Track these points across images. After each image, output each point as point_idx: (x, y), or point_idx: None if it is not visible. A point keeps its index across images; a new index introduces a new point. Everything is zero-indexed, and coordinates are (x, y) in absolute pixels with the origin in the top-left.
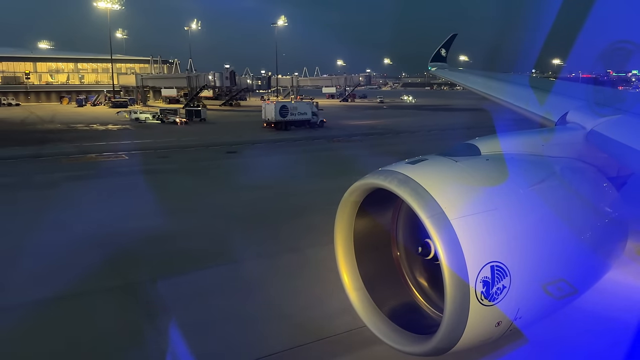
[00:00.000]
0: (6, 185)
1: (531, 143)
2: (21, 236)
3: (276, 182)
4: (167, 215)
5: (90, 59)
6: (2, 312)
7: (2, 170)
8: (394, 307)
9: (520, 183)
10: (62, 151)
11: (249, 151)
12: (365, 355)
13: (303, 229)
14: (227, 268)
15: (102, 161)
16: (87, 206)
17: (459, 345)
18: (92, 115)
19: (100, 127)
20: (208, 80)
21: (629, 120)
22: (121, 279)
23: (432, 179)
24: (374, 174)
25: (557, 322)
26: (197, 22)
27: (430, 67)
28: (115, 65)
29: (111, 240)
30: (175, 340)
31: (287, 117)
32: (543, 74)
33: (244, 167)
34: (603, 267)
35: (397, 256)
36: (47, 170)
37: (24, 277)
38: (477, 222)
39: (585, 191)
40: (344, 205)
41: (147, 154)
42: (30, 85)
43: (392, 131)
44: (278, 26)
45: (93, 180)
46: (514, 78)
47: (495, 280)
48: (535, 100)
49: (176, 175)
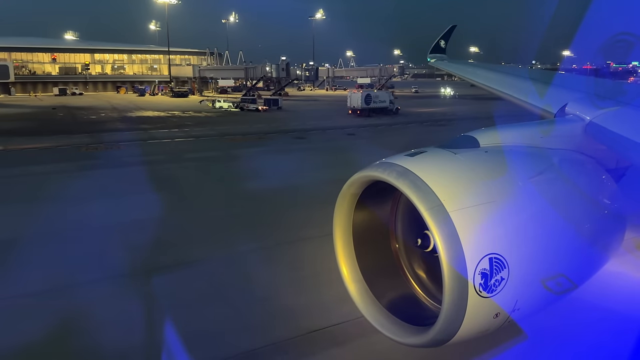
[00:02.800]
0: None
1: (530, 135)
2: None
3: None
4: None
5: (144, 50)
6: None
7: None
8: (392, 299)
9: (519, 175)
10: (206, 134)
11: (362, 133)
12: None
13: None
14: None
15: (264, 141)
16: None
17: (457, 337)
18: (173, 103)
19: (195, 114)
20: (265, 72)
21: (628, 113)
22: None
23: (431, 171)
24: (373, 167)
25: (554, 315)
26: (235, 15)
27: (430, 58)
28: (165, 57)
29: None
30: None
31: (370, 105)
32: (552, 65)
33: (379, 144)
34: (601, 259)
35: (396, 248)
36: (243, 146)
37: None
38: (476, 214)
39: (584, 183)
40: (342, 197)
41: (285, 135)
42: (89, 75)
43: (466, 117)
44: (316, 19)
45: (294, 153)
46: (513, 70)
47: (493, 272)
48: (534, 92)
49: (338, 151)
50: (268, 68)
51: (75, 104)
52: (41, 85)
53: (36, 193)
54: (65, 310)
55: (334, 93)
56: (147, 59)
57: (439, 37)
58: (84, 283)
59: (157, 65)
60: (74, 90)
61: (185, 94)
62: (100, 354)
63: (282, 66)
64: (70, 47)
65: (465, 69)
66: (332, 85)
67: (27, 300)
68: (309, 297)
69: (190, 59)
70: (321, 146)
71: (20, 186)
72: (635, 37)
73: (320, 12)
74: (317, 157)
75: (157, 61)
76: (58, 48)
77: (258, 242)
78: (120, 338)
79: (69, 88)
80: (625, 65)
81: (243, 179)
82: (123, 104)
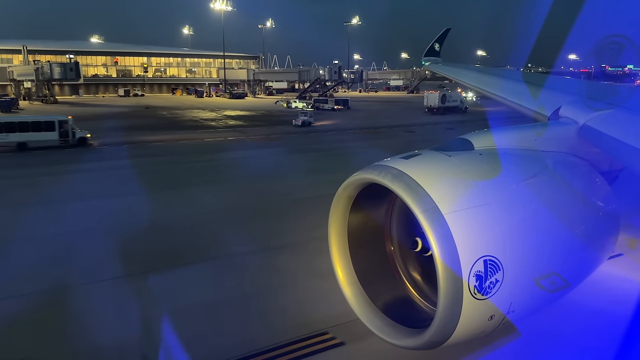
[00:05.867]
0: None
1: (524, 138)
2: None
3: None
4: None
5: (197, 54)
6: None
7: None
8: (387, 301)
9: (513, 178)
10: (328, 129)
11: (459, 127)
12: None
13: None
14: None
15: (382, 134)
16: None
17: (452, 339)
18: (241, 104)
19: (283, 112)
20: (319, 74)
21: (621, 115)
22: None
23: (426, 173)
24: (368, 169)
25: (549, 316)
26: (271, 21)
27: (424, 61)
28: (213, 60)
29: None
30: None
31: (445, 104)
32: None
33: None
34: (595, 260)
35: (391, 250)
36: (373, 138)
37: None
38: (470, 216)
39: (578, 185)
40: (338, 200)
41: (391, 129)
42: (146, 78)
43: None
44: (351, 25)
45: (424, 142)
46: (507, 73)
47: (488, 274)
48: (528, 95)
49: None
50: (322, 71)
51: (154, 104)
52: (102, 87)
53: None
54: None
55: (368, 95)
56: (199, 62)
57: (433, 40)
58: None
59: (209, 68)
60: (136, 92)
61: (242, 95)
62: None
63: (335, 69)
64: (129, 50)
65: (458, 72)
66: (367, 87)
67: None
68: None
69: (240, 62)
70: (439, 137)
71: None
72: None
73: (356, 18)
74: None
75: (209, 64)
76: (118, 52)
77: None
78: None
79: (133, 90)
80: (633, 68)
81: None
82: (197, 104)
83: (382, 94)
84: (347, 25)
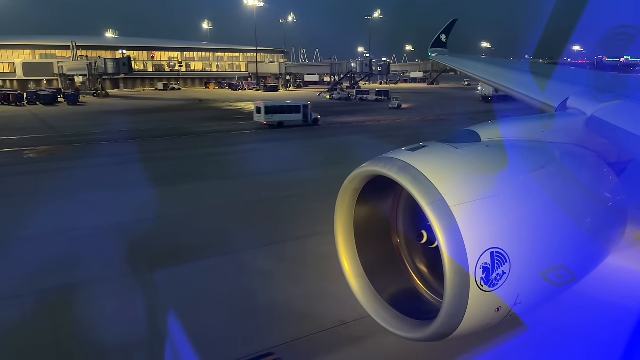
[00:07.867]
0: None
1: (531, 129)
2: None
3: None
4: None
5: (229, 49)
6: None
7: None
8: (394, 293)
9: (520, 169)
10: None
11: (520, 113)
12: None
13: None
14: None
15: (451, 121)
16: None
17: (459, 331)
18: (277, 97)
19: (334, 102)
20: (351, 67)
21: (630, 106)
22: None
23: (432, 166)
24: (374, 161)
25: (556, 308)
26: (293, 15)
27: (431, 53)
28: (242, 55)
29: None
30: None
31: (499, 93)
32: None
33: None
34: (602, 253)
35: (398, 243)
36: (443, 125)
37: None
38: (477, 208)
39: (585, 177)
40: (344, 192)
41: (458, 117)
42: (181, 72)
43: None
44: (373, 18)
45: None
46: (514, 64)
47: (495, 266)
48: (535, 86)
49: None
50: (353, 64)
51: (200, 97)
52: (140, 81)
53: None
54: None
55: (389, 87)
56: (225, 57)
57: (439, 31)
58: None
59: (237, 62)
60: (174, 86)
61: (276, 88)
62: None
63: (366, 62)
64: (163, 45)
65: (465, 63)
66: (388, 79)
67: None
68: None
69: (267, 56)
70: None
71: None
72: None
73: (378, 12)
74: None
75: (237, 59)
76: (155, 47)
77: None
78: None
79: (170, 84)
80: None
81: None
82: (239, 97)
83: (402, 86)
84: (368, 19)
